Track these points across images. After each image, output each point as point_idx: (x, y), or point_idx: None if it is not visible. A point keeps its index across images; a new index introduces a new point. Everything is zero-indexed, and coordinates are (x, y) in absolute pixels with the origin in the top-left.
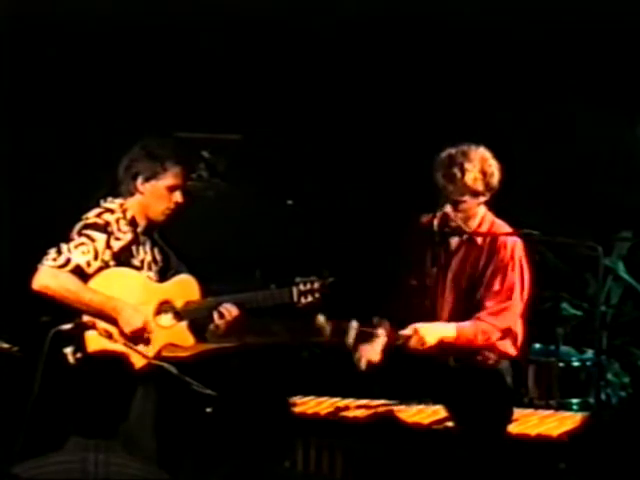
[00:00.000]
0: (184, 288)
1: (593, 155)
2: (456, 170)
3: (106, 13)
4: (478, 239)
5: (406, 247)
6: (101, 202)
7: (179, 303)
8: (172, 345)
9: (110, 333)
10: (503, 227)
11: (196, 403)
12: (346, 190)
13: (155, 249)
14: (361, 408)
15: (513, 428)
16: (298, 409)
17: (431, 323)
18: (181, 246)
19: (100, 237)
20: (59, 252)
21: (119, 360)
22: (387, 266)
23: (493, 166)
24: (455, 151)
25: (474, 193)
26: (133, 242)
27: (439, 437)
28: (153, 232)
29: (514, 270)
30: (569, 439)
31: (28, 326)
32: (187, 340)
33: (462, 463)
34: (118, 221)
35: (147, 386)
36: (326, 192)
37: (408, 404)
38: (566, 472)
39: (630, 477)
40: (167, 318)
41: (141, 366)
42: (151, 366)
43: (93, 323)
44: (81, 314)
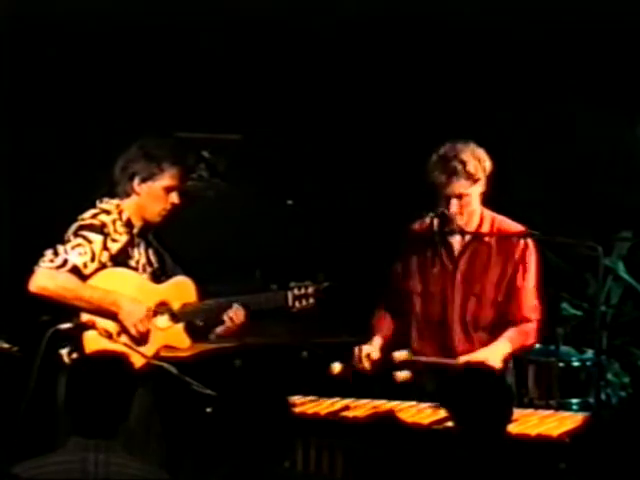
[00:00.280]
0: (181, 290)
1: (593, 155)
2: (456, 163)
3: (106, 13)
4: (484, 237)
5: (405, 253)
6: (97, 203)
7: (176, 305)
8: (168, 347)
9: (110, 333)
10: (504, 221)
11: (196, 403)
12: (346, 190)
13: (150, 250)
14: (361, 408)
15: (513, 428)
16: (298, 409)
17: (486, 348)
18: (181, 246)
19: (97, 238)
20: (56, 253)
21: (119, 360)
22: (387, 268)
23: (482, 152)
24: (444, 150)
25: (476, 181)
26: (129, 244)
27: (439, 437)
28: (148, 233)
29: (530, 260)
30: (569, 439)
31: (28, 326)
32: (183, 342)
33: (462, 463)
34: (114, 222)
35: (147, 386)
36: (326, 192)
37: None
38: (566, 472)
39: (630, 477)
40: (163, 320)
41: (141, 366)
42: (151, 366)
43: (93, 323)
44: (79, 314)
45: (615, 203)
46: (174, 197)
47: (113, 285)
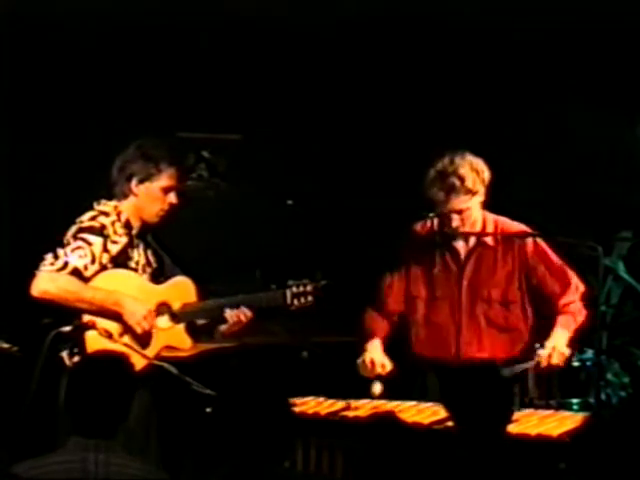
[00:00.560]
0: (181, 290)
1: (593, 155)
2: (454, 179)
3: (106, 13)
4: (489, 241)
5: (406, 255)
6: (94, 205)
7: (176, 305)
8: (169, 347)
9: (110, 333)
10: (507, 223)
11: (196, 403)
12: (346, 190)
13: (148, 251)
14: (361, 408)
15: (513, 428)
16: (298, 409)
17: (551, 337)
18: (181, 246)
19: (96, 241)
20: (56, 257)
21: (119, 360)
22: (386, 268)
23: (480, 163)
24: (442, 165)
25: (475, 194)
26: (129, 245)
27: (439, 437)
28: (146, 234)
29: (542, 249)
30: (569, 439)
31: (28, 326)
32: (184, 342)
33: (462, 463)
34: (114, 224)
35: (147, 386)
36: (326, 192)
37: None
38: (566, 472)
39: (630, 477)
40: (164, 320)
41: (141, 366)
42: (151, 366)
43: (93, 323)
44: (80, 315)
45: (615, 203)
46: (172, 197)
47: (114, 287)
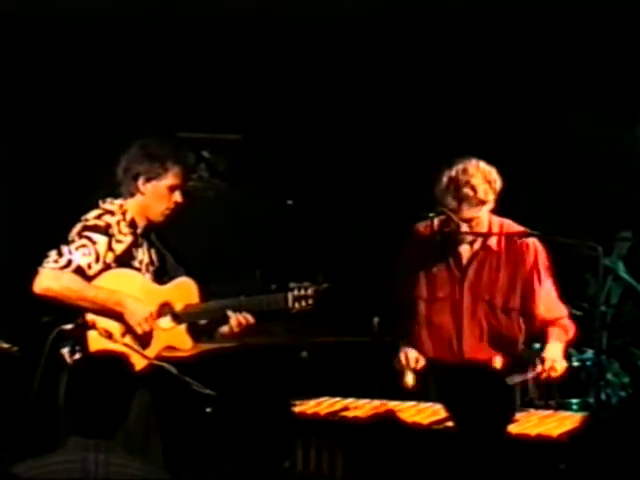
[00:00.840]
0: (183, 291)
1: (593, 155)
2: (467, 190)
3: (106, 13)
4: (493, 245)
5: (409, 256)
6: (100, 203)
7: (178, 306)
8: (170, 347)
9: (110, 333)
10: (512, 226)
11: (196, 403)
12: (346, 190)
13: (152, 250)
14: (361, 408)
15: (513, 428)
16: (298, 409)
17: (548, 349)
18: (181, 246)
19: (101, 239)
20: (60, 254)
21: (119, 360)
22: (386, 271)
23: (492, 172)
24: (454, 172)
25: (485, 204)
26: (133, 244)
27: (439, 437)
28: (150, 233)
29: (541, 260)
30: (569, 439)
31: (28, 326)
32: (185, 343)
33: (462, 463)
34: (119, 223)
35: (147, 386)
36: (326, 192)
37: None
38: (566, 472)
39: (630, 477)
40: (166, 320)
41: (141, 366)
42: (151, 366)
43: (93, 323)
44: (82, 314)
45: (615, 203)
46: (177, 196)
47: (117, 286)
